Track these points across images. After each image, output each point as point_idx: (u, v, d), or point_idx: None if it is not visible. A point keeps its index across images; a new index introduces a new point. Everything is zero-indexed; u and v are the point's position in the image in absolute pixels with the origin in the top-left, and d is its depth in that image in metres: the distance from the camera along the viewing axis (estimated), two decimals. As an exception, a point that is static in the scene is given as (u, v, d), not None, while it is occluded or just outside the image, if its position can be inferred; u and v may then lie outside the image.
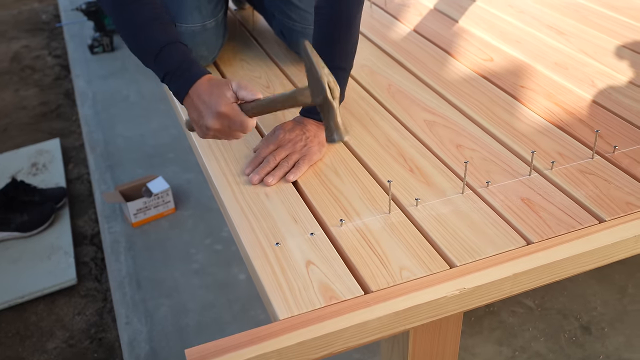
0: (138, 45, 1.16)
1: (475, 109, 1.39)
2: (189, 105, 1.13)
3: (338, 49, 1.23)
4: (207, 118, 1.09)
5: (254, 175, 1.17)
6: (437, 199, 1.12)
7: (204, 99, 1.09)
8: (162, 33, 1.13)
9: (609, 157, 1.21)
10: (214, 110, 1.08)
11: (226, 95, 1.08)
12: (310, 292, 0.94)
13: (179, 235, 2.00)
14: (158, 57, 1.12)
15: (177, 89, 1.13)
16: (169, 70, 1.12)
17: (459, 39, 1.73)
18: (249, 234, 1.06)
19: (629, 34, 1.71)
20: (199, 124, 1.12)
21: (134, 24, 1.14)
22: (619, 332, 1.60)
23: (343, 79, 1.26)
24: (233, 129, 1.10)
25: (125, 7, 1.14)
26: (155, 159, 2.36)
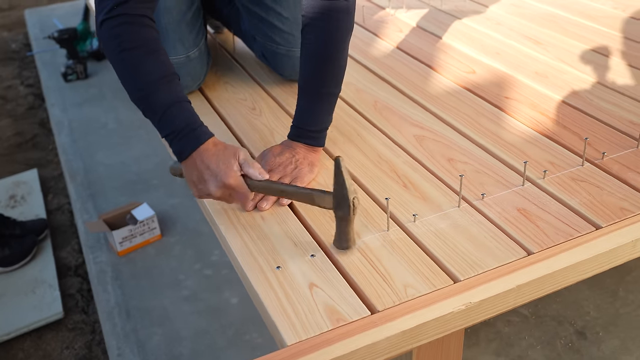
0: (142, 101, 1.12)
1: (463, 122, 1.40)
2: (189, 166, 1.11)
3: (328, 73, 1.22)
4: (210, 185, 1.08)
5: (248, 202, 1.15)
6: (434, 214, 1.12)
7: (210, 165, 1.08)
8: (167, 92, 1.10)
9: (599, 164, 1.22)
10: (221, 181, 1.07)
11: (233, 167, 1.08)
12: (316, 315, 0.92)
13: (167, 262, 1.97)
14: (163, 116, 1.11)
15: (180, 149, 1.11)
16: (173, 130, 1.10)
17: (440, 53, 1.74)
18: (248, 259, 1.04)
19: (604, 42, 1.74)
20: (199, 186, 1.11)
21: (137, 79, 1.10)
22: (613, 336, 1.62)
23: (333, 103, 1.25)
24: (234, 197, 1.11)
25: (129, 56, 1.10)
26: (138, 185, 2.33)
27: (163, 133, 1.13)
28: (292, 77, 1.59)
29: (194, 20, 1.49)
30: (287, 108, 1.50)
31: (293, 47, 1.53)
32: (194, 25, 1.49)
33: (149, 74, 1.10)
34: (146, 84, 1.10)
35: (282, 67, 1.56)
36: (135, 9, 1.10)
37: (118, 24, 1.10)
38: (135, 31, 1.11)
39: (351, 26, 1.21)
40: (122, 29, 1.10)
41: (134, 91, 1.13)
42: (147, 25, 1.12)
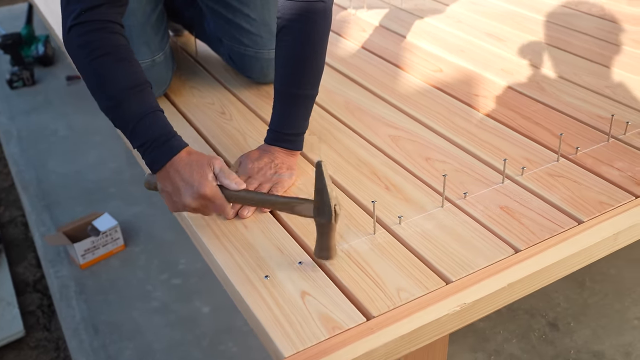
0: (113, 111, 1.08)
1: (436, 120, 1.40)
2: (163, 178, 1.07)
3: (305, 75, 1.19)
4: (185, 197, 1.04)
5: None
6: (419, 215, 1.11)
7: (184, 176, 1.04)
8: (139, 101, 1.06)
9: (573, 159, 1.24)
10: (196, 192, 1.04)
11: (208, 177, 1.04)
12: (311, 324, 0.90)
13: (133, 273, 1.90)
14: (135, 127, 1.06)
15: (153, 161, 1.07)
16: (146, 141, 1.06)
17: (405, 52, 1.74)
18: (234, 270, 1.01)
19: (563, 37, 1.78)
20: (174, 198, 1.07)
21: (108, 88, 1.06)
22: (584, 326, 1.65)
23: (310, 105, 1.22)
24: (210, 209, 1.07)
25: (99, 64, 1.05)
26: (95, 194, 2.25)
27: (135, 144, 1.08)
28: (260, 79, 1.56)
29: (158, 23, 1.44)
30: (258, 111, 1.47)
31: (261, 48, 1.50)
32: (159, 27, 1.44)
33: (119, 83, 1.06)
34: (117, 92, 1.06)
35: (250, 70, 1.53)
36: (105, 14, 1.05)
37: (87, 30, 1.05)
38: (105, 38, 1.06)
39: (328, 28, 1.19)
40: (92, 37, 1.05)
41: (104, 100, 1.08)
42: (117, 32, 1.07)
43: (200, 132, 1.40)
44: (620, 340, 1.60)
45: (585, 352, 1.59)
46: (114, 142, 2.51)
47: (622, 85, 1.51)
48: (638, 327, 1.63)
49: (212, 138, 1.37)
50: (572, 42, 1.75)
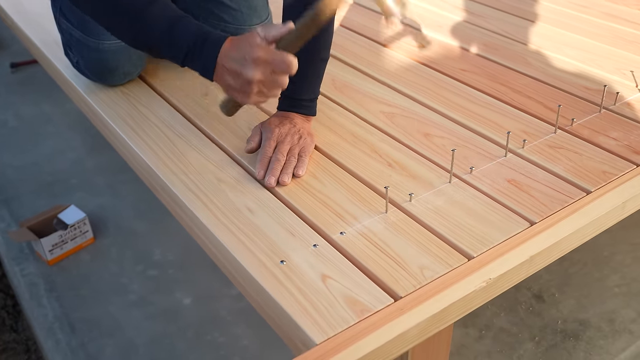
0: (139, 36, 1.04)
1: (427, 96, 1.38)
2: (221, 76, 1.02)
3: (319, 40, 1.16)
4: (245, 72, 0.98)
5: (269, 177, 1.09)
6: (428, 192, 1.09)
7: (234, 56, 0.99)
8: (163, 10, 1.02)
9: (570, 130, 1.25)
10: (250, 59, 0.98)
11: (257, 42, 0.99)
12: (338, 309, 0.87)
13: (105, 267, 1.81)
14: (170, 43, 1.02)
15: (204, 65, 1.02)
16: (187, 52, 1.02)
17: (384, 28, 1.71)
18: (246, 256, 0.96)
19: (542, 12, 1.79)
20: (239, 85, 1.00)
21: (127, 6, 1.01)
22: (568, 296, 1.68)
23: (324, 69, 1.22)
24: (277, 72, 1.00)
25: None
26: (56, 187, 2.13)
27: (179, 60, 1.04)
28: (241, 58, 1.49)
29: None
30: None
31: (242, 24, 1.43)
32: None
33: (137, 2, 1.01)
34: (138, 10, 1.01)
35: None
36: None
37: None
38: None
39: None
40: None
41: (126, 24, 1.03)
42: None
43: (185, 114, 1.33)
44: (603, 308, 1.63)
45: (571, 321, 1.61)
46: (70, 132, 2.39)
47: (605, 58, 1.52)
48: (619, 294, 1.67)
49: (199, 120, 1.31)
50: (550, 17, 1.76)
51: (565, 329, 1.58)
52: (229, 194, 1.09)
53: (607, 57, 1.52)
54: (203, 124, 1.29)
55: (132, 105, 1.37)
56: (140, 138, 1.25)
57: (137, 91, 1.42)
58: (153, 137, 1.25)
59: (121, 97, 1.40)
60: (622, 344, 1.54)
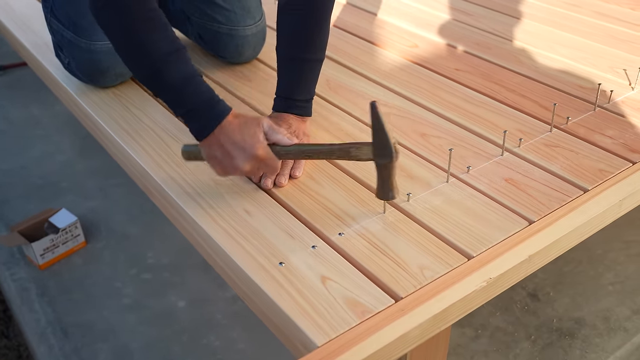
0: (153, 79, 1.03)
1: (422, 95, 1.38)
2: (211, 144, 1.02)
3: (315, 41, 1.17)
4: (238, 160, 1.00)
5: (266, 179, 1.09)
6: (425, 191, 1.08)
7: (236, 140, 1.00)
8: (180, 67, 1.01)
9: (565, 129, 1.25)
10: (250, 154, 1.00)
11: (260, 138, 1.01)
12: (338, 310, 0.86)
13: (98, 271, 1.80)
14: (178, 94, 1.02)
15: (200, 128, 1.02)
16: (191, 109, 1.02)
17: (377, 28, 1.71)
18: (245, 258, 0.95)
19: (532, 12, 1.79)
20: (224, 163, 1.02)
21: (148, 55, 1.00)
22: (563, 294, 1.68)
23: (319, 70, 1.22)
24: (262, 169, 1.04)
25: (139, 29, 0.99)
26: (46, 190, 2.11)
27: (179, 112, 1.04)
28: (234, 59, 1.48)
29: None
30: (236, 93, 1.40)
31: (235, 25, 1.43)
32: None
33: (159, 49, 1.00)
34: (158, 59, 1.00)
35: (224, 49, 1.46)
36: None
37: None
38: (143, 1, 0.99)
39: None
40: (128, 1, 0.98)
41: (144, 69, 1.03)
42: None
43: (179, 116, 1.32)
44: (598, 306, 1.64)
45: (566, 319, 1.61)
46: (59, 134, 2.37)
47: (598, 56, 1.53)
48: (613, 292, 1.68)
49: (193, 122, 1.29)
50: (542, 16, 1.76)
51: (561, 328, 1.58)
52: (226, 196, 1.08)
53: (600, 55, 1.53)
54: (197, 125, 1.28)
55: (125, 107, 1.35)
56: (135, 141, 1.23)
57: (130, 93, 1.41)
58: (147, 139, 1.24)
59: (113, 98, 1.39)
60: (617, 341, 1.54)
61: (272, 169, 1.05)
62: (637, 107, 1.31)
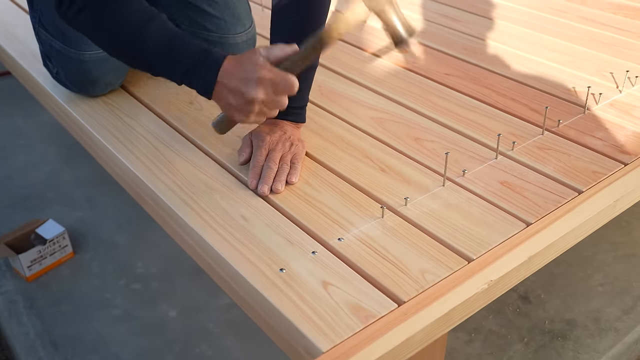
0: (137, 54, 1.02)
1: (414, 101, 1.38)
2: (221, 94, 1.00)
3: None
4: (248, 91, 0.97)
5: (262, 185, 1.08)
6: (422, 195, 1.09)
7: (237, 75, 0.98)
8: (163, 29, 1.01)
9: (557, 131, 1.26)
10: (254, 78, 0.97)
11: (259, 61, 0.98)
12: (342, 316, 0.86)
13: (87, 282, 1.77)
14: (169, 61, 1.00)
15: (204, 84, 1.00)
16: (187, 70, 1.00)
17: (364, 34, 1.72)
18: (244, 265, 0.94)
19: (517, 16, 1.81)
20: (240, 104, 0.99)
21: (126, 26, 1.00)
22: (554, 296, 1.70)
23: (312, 77, 1.22)
24: (279, 92, 1.00)
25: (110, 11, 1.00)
26: (32, 201, 2.08)
27: (177, 76, 1.02)
28: (224, 66, 1.48)
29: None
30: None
31: (225, 33, 1.42)
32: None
33: (137, 18, 0.99)
34: (139, 29, 0.99)
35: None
36: None
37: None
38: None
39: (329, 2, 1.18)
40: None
41: (128, 44, 1.02)
42: None
43: (171, 123, 1.31)
44: (588, 307, 1.65)
45: (558, 321, 1.63)
46: (44, 144, 2.34)
47: (584, 60, 1.55)
48: (602, 293, 1.70)
49: (186, 129, 1.29)
50: (528, 21, 1.79)
51: (553, 329, 1.59)
52: (222, 203, 1.07)
53: (586, 59, 1.55)
54: (190, 132, 1.27)
55: (116, 115, 1.34)
56: (128, 149, 1.22)
57: (120, 101, 1.40)
58: (140, 147, 1.22)
59: (104, 107, 1.37)
60: (608, 342, 1.56)
61: (288, 85, 0.99)
62: (625, 109, 1.33)
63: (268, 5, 1.88)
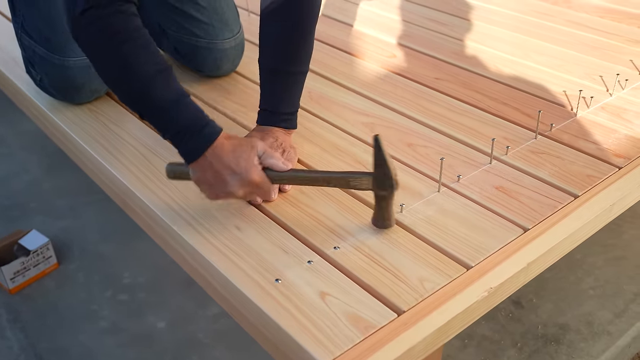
0: (140, 99, 0.98)
1: (405, 105, 1.37)
2: (202, 167, 0.97)
3: (300, 53, 1.15)
4: (231, 185, 0.96)
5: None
6: (417, 202, 1.07)
7: (229, 164, 0.96)
8: (168, 87, 0.96)
9: (550, 135, 1.25)
10: (244, 179, 0.96)
11: (254, 162, 0.97)
12: (341, 327, 0.83)
13: (73, 293, 1.73)
14: (166, 115, 0.96)
15: (190, 150, 0.97)
16: (180, 130, 0.96)
17: (353, 39, 1.70)
18: (239, 276, 0.92)
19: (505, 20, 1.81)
20: (215, 187, 0.98)
21: (134, 74, 0.95)
22: (546, 300, 1.69)
23: (303, 82, 1.19)
24: (257, 193, 1.01)
25: (126, 49, 0.94)
26: (12, 211, 2.03)
27: (167, 134, 0.98)
28: (212, 72, 1.45)
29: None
30: (217, 106, 1.37)
31: (214, 39, 1.40)
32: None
33: (145, 69, 0.95)
34: (144, 79, 0.95)
35: (202, 63, 1.42)
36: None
37: (110, 13, 0.92)
38: (126, 20, 0.94)
39: (320, 2, 1.16)
40: (115, 19, 0.93)
41: (129, 89, 0.97)
42: (136, 13, 0.96)
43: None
44: (580, 311, 1.65)
45: (551, 325, 1.62)
46: (24, 153, 2.29)
47: (573, 63, 1.55)
48: (594, 296, 1.69)
49: (174, 137, 1.26)
50: (515, 25, 1.78)
51: (546, 334, 1.59)
52: (214, 212, 1.05)
53: (575, 62, 1.55)
54: (179, 140, 1.25)
55: (102, 123, 1.31)
56: (115, 158, 1.19)
57: (106, 108, 1.37)
58: (128, 156, 1.20)
59: (89, 115, 1.34)
60: (602, 345, 1.55)
61: (267, 194, 1.02)
62: (616, 112, 1.33)
63: (255, 10, 1.86)
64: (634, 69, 1.50)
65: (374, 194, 0.98)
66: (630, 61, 1.54)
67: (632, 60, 1.55)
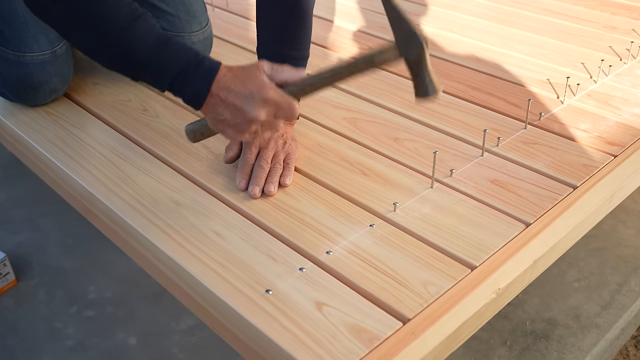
0: (120, 55, 0.88)
1: (387, 99, 1.30)
2: (214, 106, 0.88)
3: (300, 38, 1.09)
4: (250, 111, 0.86)
5: (253, 187, 0.98)
6: (411, 199, 1.00)
7: (239, 90, 0.86)
8: (150, 32, 0.87)
9: (540, 125, 1.21)
10: (260, 98, 0.86)
11: (264, 79, 0.87)
12: (342, 340, 0.76)
13: (34, 311, 1.61)
14: (156, 64, 0.87)
15: (195, 92, 0.88)
16: (176, 75, 0.87)
17: (327, 32, 1.63)
18: (226, 289, 0.84)
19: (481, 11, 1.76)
20: (236, 121, 0.88)
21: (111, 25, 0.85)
22: (532, 295, 1.65)
23: (304, 68, 1.12)
24: (279, 115, 0.90)
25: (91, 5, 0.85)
26: (-36, 225, 1.89)
27: (164, 83, 0.89)
28: (181, 68, 1.36)
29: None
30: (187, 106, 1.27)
31: (180, 31, 1.31)
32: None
33: (123, 16, 0.85)
34: (124, 28, 0.85)
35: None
36: None
37: None
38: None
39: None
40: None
41: (111, 45, 0.87)
42: None
43: (126, 134, 1.19)
44: (567, 305, 1.61)
45: (539, 321, 1.58)
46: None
47: (553, 51, 1.51)
48: (579, 289, 1.66)
49: (143, 140, 1.16)
50: (490, 14, 1.73)
51: (535, 330, 1.54)
52: (190, 218, 0.96)
53: (555, 50, 1.51)
54: (149, 143, 1.15)
55: (61, 126, 1.20)
56: (78, 164, 1.09)
57: (64, 110, 1.26)
58: (93, 161, 1.09)
59: (46, 118, 1.23)
60: (591, 339, 1.52)
61: (291, 110, 0.90)
62: (603, 99, 1.29)
63: (219, 4, 1.78)
64: (614, 55, 1.47)
65: (405, 63, 0.88)
66: (610, 47, 1.51)
67: (611, 46, 1.51)
